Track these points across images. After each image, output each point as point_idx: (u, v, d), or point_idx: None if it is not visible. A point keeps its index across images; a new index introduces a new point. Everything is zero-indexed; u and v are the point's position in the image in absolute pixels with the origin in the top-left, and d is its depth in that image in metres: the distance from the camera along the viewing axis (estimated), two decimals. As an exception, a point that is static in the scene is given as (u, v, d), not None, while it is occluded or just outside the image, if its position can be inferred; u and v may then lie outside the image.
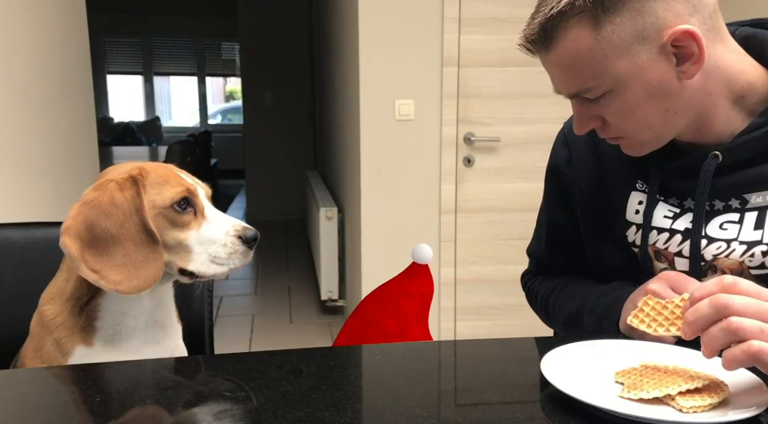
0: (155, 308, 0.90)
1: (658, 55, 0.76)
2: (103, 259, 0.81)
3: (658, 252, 0.89)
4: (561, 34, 0.78)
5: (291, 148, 6.05)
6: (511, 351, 0.81)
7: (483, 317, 2.88)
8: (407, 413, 0.63)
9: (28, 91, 2.08)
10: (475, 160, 2.79)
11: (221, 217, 0.88)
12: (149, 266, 0.82)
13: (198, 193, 0.88)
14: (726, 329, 0.59)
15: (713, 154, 0.82)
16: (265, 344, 3.16)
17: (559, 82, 0.83)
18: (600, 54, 0.77)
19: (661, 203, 0.88)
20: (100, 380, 0.73)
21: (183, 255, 0.85)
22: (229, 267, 0.86)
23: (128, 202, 0.82)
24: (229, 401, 0.66)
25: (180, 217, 0.85)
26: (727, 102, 0.81)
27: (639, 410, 0.61)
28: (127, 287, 0.81)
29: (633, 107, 0.79)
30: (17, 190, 1.98)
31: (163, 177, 0.86)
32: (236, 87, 9.73)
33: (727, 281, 0.62)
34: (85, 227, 0.81)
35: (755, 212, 0.81)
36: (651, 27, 0.75)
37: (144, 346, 0.89)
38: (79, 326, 0.85)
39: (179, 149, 5.38)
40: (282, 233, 5.64)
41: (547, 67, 0.84)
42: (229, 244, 0.86)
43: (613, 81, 0.78)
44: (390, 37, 2.68)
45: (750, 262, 0.81)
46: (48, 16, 2.26)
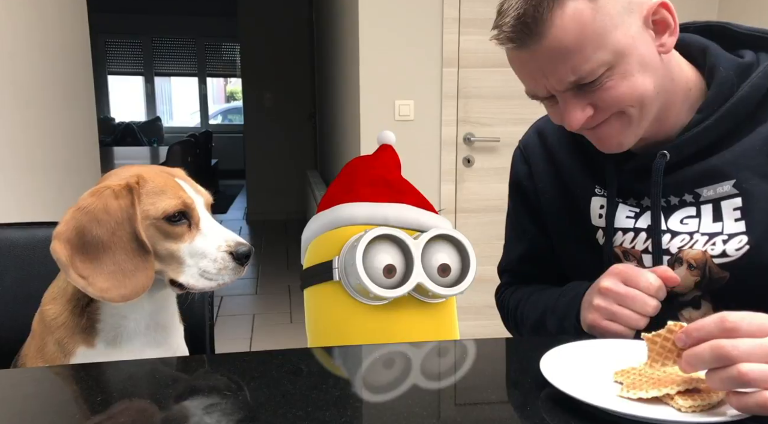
0: (156, 311, 0.90)
1: (643, 27, 0.80)
2: (93, 265, 0.80)
3: (626, 252, 0.91)
4: (555, 17, 0.77)
5: (291, 149, 6.05)
6: (511, 351, 0.82)
7: (483, 316, 2.88)
8: (407, 413, 0.63)
9: (29, 92, 2.08)
10: (475, 160, 2.79)
11: (216, 230, 0.87)
12: (139, 275, 0.81)
13: (195, 206, 0.86)
14: (735, 379, 0.56)
15: (661, 153, 0.86)
16: (265, 343, 3.16)
17: (552, 73, 0.80)
18: (600, 25, 0.77)
19: (621, 206, 0.92)
20: (100, 379, 0.73)
21: (174, 266, 0.85)
22: (218, 282, 0.85)
23: (121, 211, 0.81)
24: (229, 400, 0.66)
25: (173, 229, 0.84)
26: (681, 92, 0.86)
27: (638, 409, 0.61)
28: (114, 295, 0.80)
29: (630, 80, 0.80)
30: (18, 190, 1.98)
31: (161, 187, 0.85)
32: (237, 87, 9.73)
33: (729, 324, 0.58)
34: (76, 232, 0.80)
35: (710, 205, 0.85)
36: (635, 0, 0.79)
37: (146, 347, 0.89)
38: (80, 327, 0.86)
39: (180, 149, 5.38)
40: (282, 233, 5.64)
41: (535, 60, 0.80)
42: (219, 259, 0.84)
43: (613, 54, 0.78)
44: (390, 38, 2.68)
45: (712, 251, 0.84)
46: (49, 17, 2.27)
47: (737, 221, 0.83)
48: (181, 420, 0.62)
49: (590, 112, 0.83)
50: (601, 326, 0.81)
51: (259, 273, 4.35)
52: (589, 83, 0.80)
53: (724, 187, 0.84)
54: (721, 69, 0.84)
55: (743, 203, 0.83)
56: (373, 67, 2.69)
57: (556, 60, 0.79)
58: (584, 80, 0.79)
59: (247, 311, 3.64)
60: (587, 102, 0.82)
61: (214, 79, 9.71)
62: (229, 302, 3.79)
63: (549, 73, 0.81)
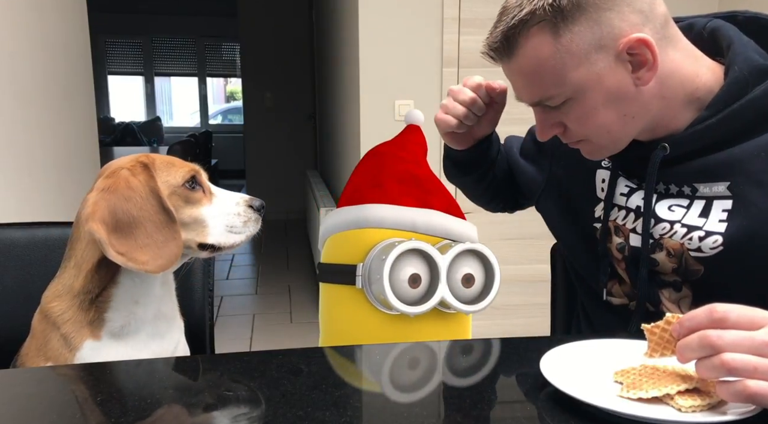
0: (163, 296, 0.93)
1: (614, 62, 0.80)
2: (129, 241, 0.84)
3: (618, 227, 0.94)
4: (522, 43, 0.81)
5: (291, 148, 6.05)
6: (511, 351, 0.82)
7: (483, 316, 2.88)
8: (407, 413, 0.63)
9: (29, 92, 2.08)
10: (476, 160, 2.79)
11: (227, 192, 0.94)
12: (170, 245, 0.85)
13: (202, 173, 0.93)
14: (719, 368, 0.58)
15: (661, 146, 0.87)
16: (265, 343, 3.16)
17: (521, 89, 0.87)
18: (560, 62, 0.80)
19: (621, 179, 0.94)
20: (101, 379, 0.73)
21: (200, 230, 0.90)
22: (246, 235, 0.92)
23: (143, 185, 0.86)
24: (229, 400, 0.66)
25: (192, 194, 0.90)
26: (681, 103, 0.86)
27: (638, 409, 0.61)
28: (154, 266, 0.84)
29: (592, 113, 0.83)
30: (19, 190, 1.98)
31: (168, 161, 0.91)
32: (237, 87, 9.73)
33: (717, 315, 0.59)
34: (108, 211, 0.83)
35: (703, 201, 0.86)
36: (608, 36, 0.78)
37: (150, 339, 0.91)
38: (87, 320, 0.87)
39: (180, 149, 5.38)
40: (282, 233, 5.64)
41: (509, 75, 0.87)
42: (242, 212, 0.92)
43: (573, 89, 0.81)
44: (390, 38, 2.68)
45: (689, 244, 0.86)
46: (49, 17, 2.27)
47: (721, 221, 0.84)
48: (181, 420, 0.62)
49: (558, 131, 0.88)
50: (437, 117, 1.00)
51: (259, 273, 4.35)
52: (553, 106, 0.84)
53: (719, 187, 0.84)
54: (735, 68, 0.83)
55: (733, 207, 0.83)
56: (373, 67, 2.69)
57: (522, 80, 0.85)
58: (546, 103, 0.84)
59: (247, 311, 3.64)
60: (556, 120, 0.87)
61: (214, 79, 9.70)
62: (229, 302, 3.79)
63: (519, 88, 0.87)
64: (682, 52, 0.85)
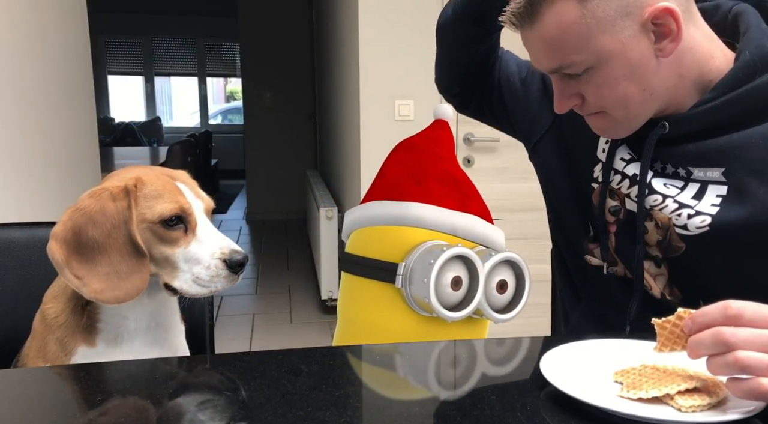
0: (157, 310, 0.90)
1: (639, 31, 0.79)
2: (88, 266, 0.80)
3: (613, 191, 0.94)
4: (547, 8, 0.80)
5: (291, 148, 6.05)
6: (511, 351, 0.82)
7: (483, 317, 2.88)
8: (407, 413, 0.63)
9: (29, 92, 2.08)
10: (475, 160, 2.79)
11: (212, 237, 0.86)
12: (133, 278, 0.81)
13: (193, 211, 0.86)
14: (732, 365, 0.57)
15: (661, 124, 0.87)
16: (265, 343, 3.16)
17: (541, 56, 0.85)
18: (585, 27, 0.79)
19: (623, 146, 0.94)
20: (100, 379, 0.73)
21: (169, 270, 0.85)
22: (210, 289, 0.84)
23: (118, 214, 0.81)
24: (229, 400, 0.66)
25: (168, 233, 0.83)
26: (693, 84, 0.85)
27: (638, 409, 0.61)
28: (108, 297, 0.80)
29: (613, 83, 0.82)
30: (19, 190, 1.98)
31: (159, 191, 0.84)
32: (237, 87, 9.73)
33: (732, 312, 0.59)
34: (73, 233, 0.81)
35: (698, 184, 0.86)
36: (634, 2, 0.78)
37: (147, 347, 0.89)
38: (80, 326, 0.86)
39: (180, 149, 5.37)
40: (282, 233, 5.64)
41: (530, 42, 0.85)
42: (213, 267, 0.83)
43: (596, 56, 0.80)
44: (390, 37, 2.68)
45: (676, 220, 0.86)
46: (49, 17, 2.27)
47: (713, 205, 0.84)
48: (181, 420, 0.62)
49: (576, 102, 0.87)
50: None
51: (259, 273, 4.34)
52: (573, 74, 0.83)
53: (714, 172, 0.84)
54: (746, 53, 0.83)
55: (727, 193, 0.83)
56: (373, 67, 2.69)
57: (543, 46, 0.83)
58: (566, 71, 0.83)
59: (247, 311, 3.64)
60: (574, 91, 0.86)
61: (214, 79, 9.70)
62: (229, 302, 3.79)
63: (539, 56, 0.85)
64: (702, 30, 0.84)
